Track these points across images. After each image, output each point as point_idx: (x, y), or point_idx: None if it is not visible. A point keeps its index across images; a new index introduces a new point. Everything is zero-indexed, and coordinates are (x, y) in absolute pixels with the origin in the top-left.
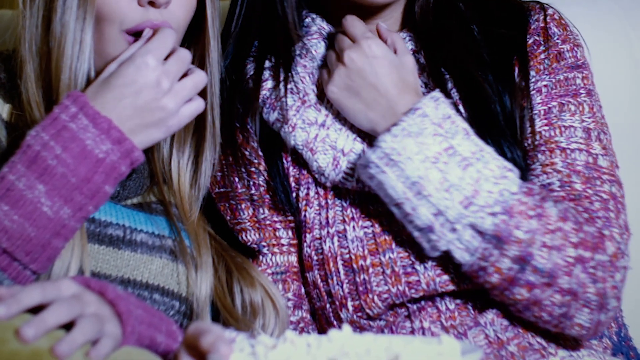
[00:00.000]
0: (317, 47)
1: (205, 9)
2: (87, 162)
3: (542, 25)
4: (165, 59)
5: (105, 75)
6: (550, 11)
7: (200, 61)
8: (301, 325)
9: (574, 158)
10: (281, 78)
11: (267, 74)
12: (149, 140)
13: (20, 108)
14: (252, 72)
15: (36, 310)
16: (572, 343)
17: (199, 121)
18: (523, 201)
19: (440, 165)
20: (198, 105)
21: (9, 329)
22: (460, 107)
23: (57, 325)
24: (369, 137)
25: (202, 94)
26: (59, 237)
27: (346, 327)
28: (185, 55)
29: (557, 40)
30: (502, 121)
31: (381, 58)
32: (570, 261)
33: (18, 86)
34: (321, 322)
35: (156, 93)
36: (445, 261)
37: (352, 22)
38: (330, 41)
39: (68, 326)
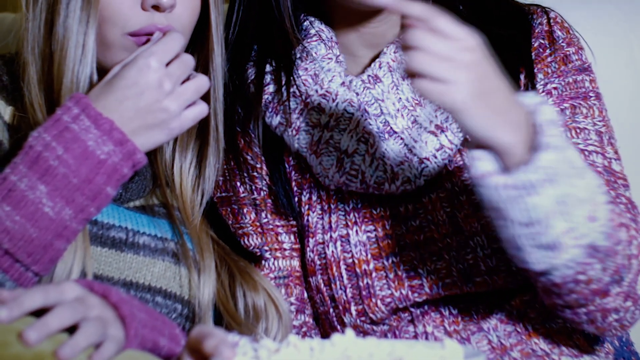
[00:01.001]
0: (317, 50)
1: (209, 14)
2: (88, 163)
3: (546, 28)
4: (168, 64)
5: (109, 77)
6: (552, 14)
7: (203, 67)
8: (304, 329)
9: (593, 160)
10: (283, 82)
11: (268, 78)
12: (151, 142)
13: (23, 110)
14: (253, 77)
15: (40, 313)
16: (574, 349)
17: (202, 126)
18: (615, 211)
19: (572, 178)
20: (201, 109)
21: (12, 332)
22: None
23: (60, 328)
24: (372, 138)
25: (206, 99)
26: (61, 238)
27: (349, 332)
28: (188, 59)
29: (563, 44)
30: None
31: (488, 57)
32: (639, 268)
33: (21, 88)
34: (324, 327)
35: (158, 95)
36: (449, 265)
37: (434, 14)
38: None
39: (71, 329)
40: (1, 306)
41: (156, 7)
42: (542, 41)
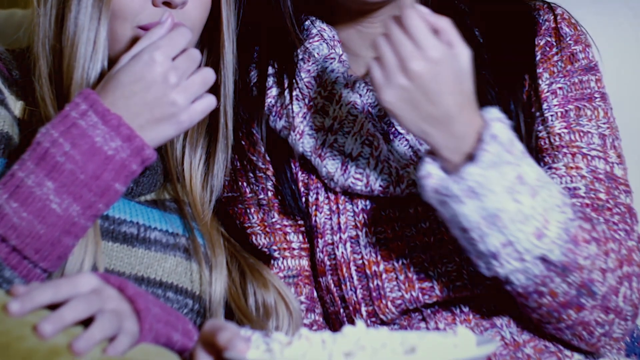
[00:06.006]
0: (319, 50)
1: (221, 11)
2: (96, 159)
3: (552, 25)
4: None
5: (115, 70)
6: (559, 11)
7: (214, 64)
8: (314, 328)
9: (595, 166)
10: (286, 85)
11: (270, 81)
12: (160, 136)
13: (34, 104)
14: (255, 80)
15: (58, 307)
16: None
17: (212, 123)
18: (583, 227)
19: (515, 195)
20: (210, 101)
21: (27, 326)
22: None
23: (75, 321)
24: (377, 140)
25: (216, 95)
26: (69, 235)
27: (360, 323)
28: (194, 53)
29: (570, 41)
30: None
31: (443, 64)
32: (619, 280)
33: (31, 83)
34: (335, 326)
35: (165, 88)
36: (459, 267)
37: (412, 15)
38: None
39: (87, 321)
40: (13, 299)
41: (167, 4)
42: (548, 39)
